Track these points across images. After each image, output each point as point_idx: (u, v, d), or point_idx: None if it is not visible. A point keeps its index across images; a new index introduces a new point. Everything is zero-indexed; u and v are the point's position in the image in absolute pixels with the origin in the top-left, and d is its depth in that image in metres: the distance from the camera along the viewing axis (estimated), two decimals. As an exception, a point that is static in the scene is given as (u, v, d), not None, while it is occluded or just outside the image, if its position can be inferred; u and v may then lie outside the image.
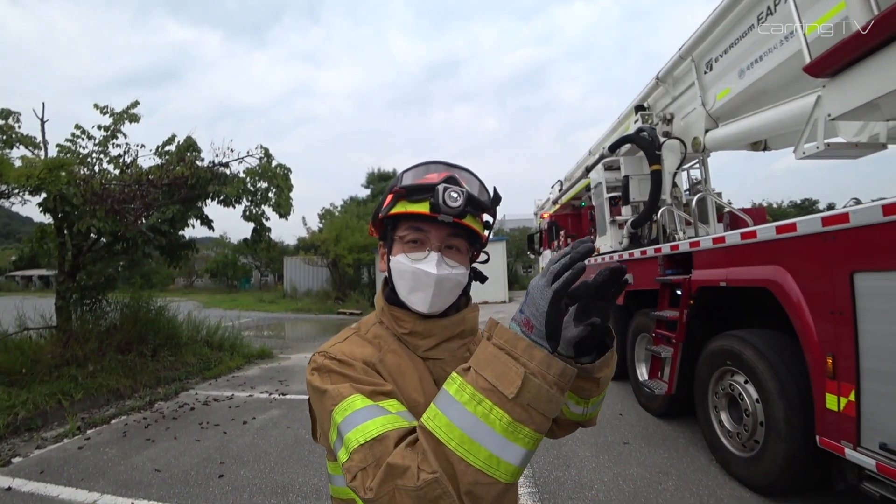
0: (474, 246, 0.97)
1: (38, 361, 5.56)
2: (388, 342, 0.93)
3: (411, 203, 0.88)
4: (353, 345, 0.90)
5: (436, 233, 0.89)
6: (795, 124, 3.34)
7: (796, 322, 2.68)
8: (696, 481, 3.21)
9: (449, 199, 0.84)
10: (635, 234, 5.37)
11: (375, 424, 0.71)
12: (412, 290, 0.89)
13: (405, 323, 0.92)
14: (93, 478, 3.61)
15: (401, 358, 0.91)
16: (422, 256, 0.88)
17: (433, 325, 0.92)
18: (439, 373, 0.91)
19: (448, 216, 0.86)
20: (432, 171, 0.91)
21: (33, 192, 5.51)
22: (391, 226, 0.94)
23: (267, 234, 7.41)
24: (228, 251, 35.16)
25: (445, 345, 0.93)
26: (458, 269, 0.91)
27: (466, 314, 0.96)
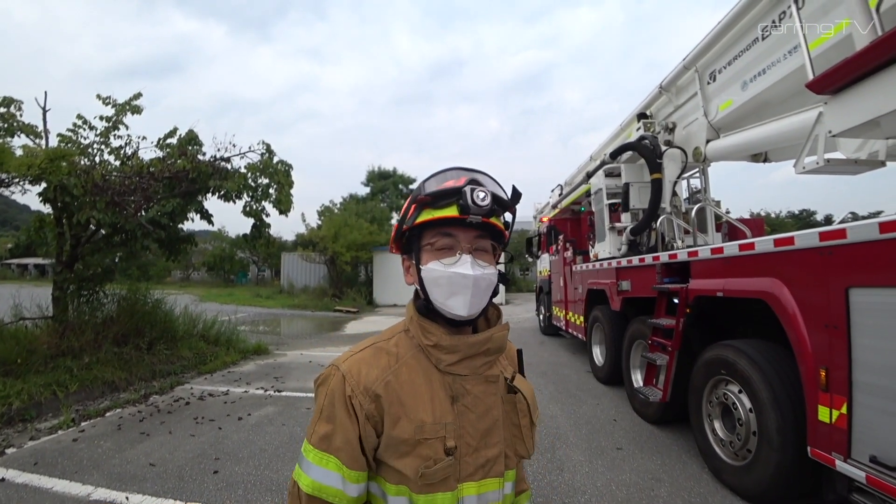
0: (499, 245, 0.98)
1: (34, 352, 5.54)
2: (408, 353, 0.94)
3: (437, 209, 0.89)
4: (368, 359, 0.93)
5: (464, 235, 0.90)
6: (796, 138, 3.38)
7: (791, 334, 2.71)
8: (689, 488, 3.24)
9: (477, 199, 0.86)
10: (634, 241, 5.41)
11: (307, 482, 0.86)
12: (450, 295, 0.89)
13: (432, 335, 0.93)
14: (87, 471, 3.60)
15: (416, 373, 0.92)
16: (454, 260, 0.89)
17: (459, 342, 0.91)
18: (458, 389, 0.92)
19: (477, 217, 0.87)
20: (452, 178, 0.92)
21: (34, 182, 5.50)
22: (416, 236, 0.94)
23: (266, 230, 7.40)
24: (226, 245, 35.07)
25: (468, 361, 0.92)
26: (489, 268, 0.92)
27: (494, 333, 0.94)
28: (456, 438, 0.89)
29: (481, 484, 0.90)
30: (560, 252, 8.41)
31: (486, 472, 0.91)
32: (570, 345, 9.10)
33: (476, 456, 0.90)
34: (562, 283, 8.38)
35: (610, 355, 5.76)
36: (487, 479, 0.91)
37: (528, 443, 1.00)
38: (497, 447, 0.93)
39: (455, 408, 0.90)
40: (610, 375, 5.80)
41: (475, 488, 0.90)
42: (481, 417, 0.92)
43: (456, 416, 0.90)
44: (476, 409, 0.92)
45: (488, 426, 0.92)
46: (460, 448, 0.89)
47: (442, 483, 0.86)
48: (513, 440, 0.98)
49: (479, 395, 0.92)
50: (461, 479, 0.89)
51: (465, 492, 0.89)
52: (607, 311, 5.84)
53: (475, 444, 0.90)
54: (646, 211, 5.13)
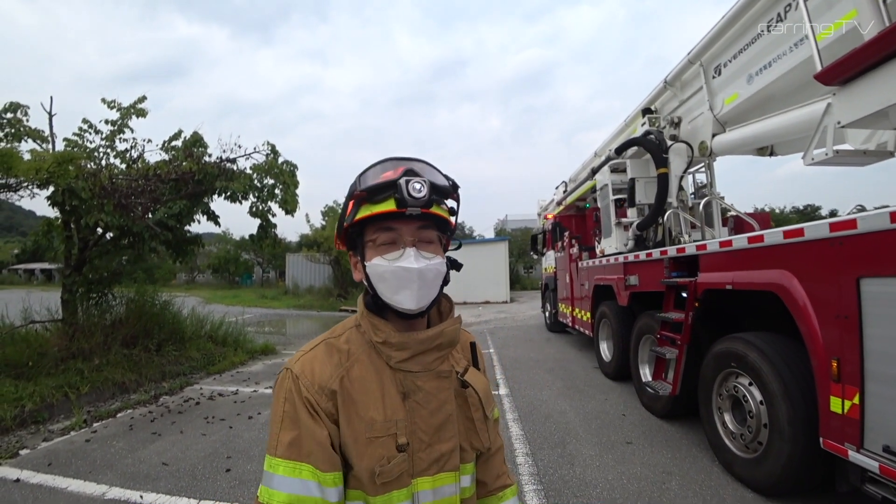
0: (444, 234, 0.96)
1: (45, 354, 5.59)
2: (359, 350, 0.93)
3: (375, 204, 0.86)
4: (320, 357, 0.91)
5: (406, 228, 0.88)
6: (803, 130, 3.38)
7: (802, 325, 2.71)
8: (700, 482, 3.24)
9: (413, 190, 0.83)
10: (641, 236, 5.40)
11: (281, 498, 0.80)
12: (397, 290, 0.87)
13: (381, 332, 0.91)
14: (100, 470, 3.64)
15: (367, 370, 0.91)
16: (398, 255, 0.87)
17: (408, 339, 0.90)
18: (409, 385, 0.90)
19: (416, 208, 0.84)
20: (388, 169, 0.89)
21: (42, 186, 5.54)
22: (358, 232, 0.92)
23: (272, 231, 7.44)
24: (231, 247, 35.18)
25: (419, 357, 0.91)
26: (435, 259, 0.90)
27: (446, 327, 0.93)
28: (408, 435, 0.88)
29: (436, 478, 0.90)
30: (565, 249, 8.41)
31: (441, 467, 0.90)
32: (577, 341, 9.10)
33: (429, 451, 0.89)
34: (568, 280, 8.37)
35: (617, 351, 5.76)
36: (442, 473, 0.90)
37: (484, 436, 0.98)
38: (451, 441, 0.92)
39: (406, 404, 0.89)
40: (618, 371, 5.80)
41: (430, 483, 0.89)
42: (434, 413, 0.91)
43: (407, 413, 0.89)
44: (428, 405, 0.91)
45: (441, 421, 0.91)
46: (413, 444, 0.88)
47: (396, 481, 0.86)
48: (468, 434, 0.97)
49: (430, 391, 0.91)
50: (415, 475, 0.88)
51: (419, 487, 0.89)
52: (614, 307, 5.83)
53: (428, 439, 0.90)
54: (652, 206, 5.13)
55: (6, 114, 5.84)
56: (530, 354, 8.12)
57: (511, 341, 9.74)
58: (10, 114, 5.92)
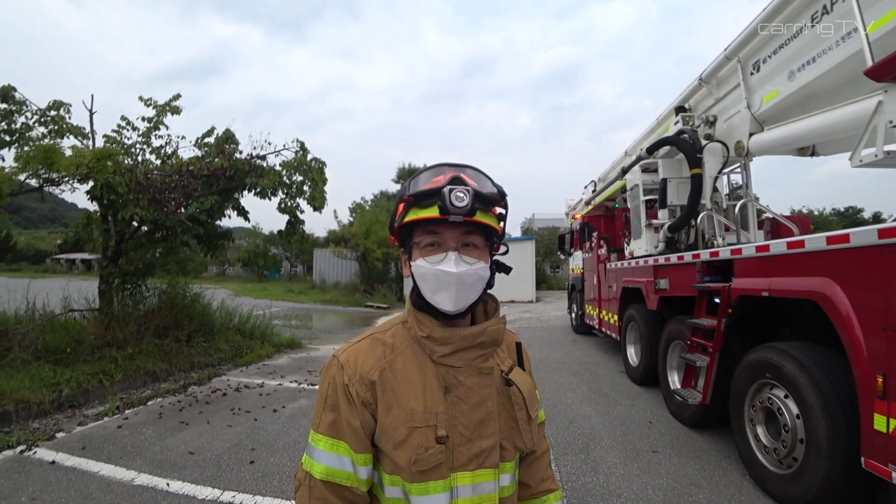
0: (491, 240, 0.99)
1: (82, 342, 5.82)
2: (403, 344, 0.98)
3: (421, 209, 0.91)
4: (365, 349, 0.97)
5: (450, 233, 0.92)
6: (849, 129, 3.20)
7: (845, 337, 2.56)
8: (729, 496, 3.11)
9: (456, 199, 0.86)
10: (672, 238, 5.24)
11: (321, 469, 0.90)
12: (436, 291, 0.92)
13: (425, 327, 0.96)
14: (130, 456, 3.76)
15: (410, 363, 0.95)
16: (440, 258, 0.92)
17: (451, 334, 0.94)
18: (451, 380, 0.94)
19: (458, 216, 0.88)
20: (438, 175, 0.93)
21: (82, 181, 5.75)
22: (408, 233, 0.97)
23: (300, 227, 7.55)
24: (260, 241, 35.99)
25: (462, 353, 0.95)
26: (477, 264, 0.93)
27: (489, 326, 0.96)
28: (448, 428, 0.90)
29: (476, 474, 0.91)
30: (594, 249, 8.25)
31: (481, 463, 0.92)
32: (603, 344, 8.92)
33: (470, 446, 0.91)
34: (595, 281, 8.22)
35: (645, 355, 5.61)
36: (482, 469, 0.92)
37: (527, 436, 0.99)
38: (491, 438, 0.94)
39: (447, 398, 0.92)
40: (645, 376, 5.65)
41: (469, 478, 0.91)
42: (474, 408, 0.93)
43: (448, 406, 0.92)
44: (469, 400, 0.93)
45: (482, 417, 0.93)
46: (453, 438, 0.90)
47: (434, 471, 0.88)
48: (510, 432, 0.98)
49: (472, 387, 0.94)
50: (454, 469, 0.90)
51: (458, 481, 0.90)
52: (643, 310, 5.68)
53: (468, 434, 0.92)
54: (684, 207, 4.96)
55: (50, 111, 6.10)
56: (555, 356, 8.01)
57: (536, 342, 9.63)
58: (54, 111, 6.18)
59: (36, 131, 6.03)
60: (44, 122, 6.08)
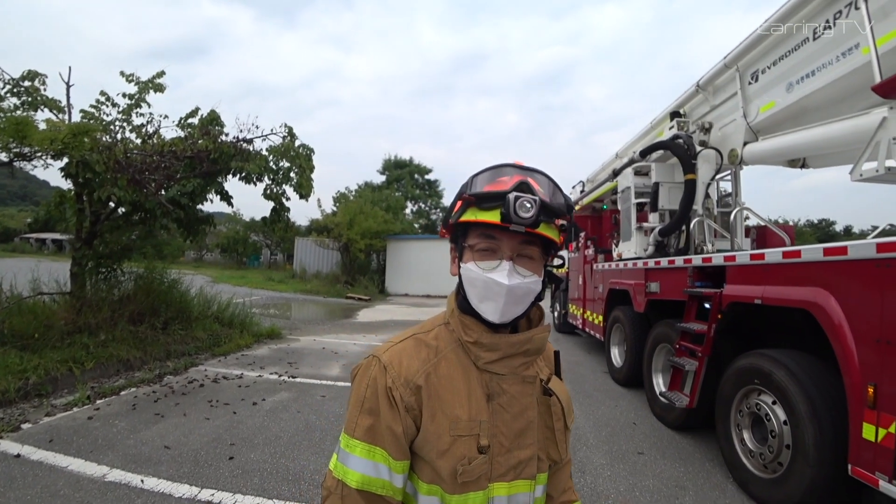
0: (548, 252, 0.94)
1: (51, 327, 5.55)
2: (447, 348, 0.93)
3: (481, 211, 0.85)
4: (409, 350, 0.92)
5: (508, 241, 0.87)
6: (847, 144, 3.24)
7: (837, 347, 2.59)
8: (713, 498, 3.15)
9: (521, 208, 0.81)
10: (662, 242, 5.27)
11: (356, 477, 0.84)
12: (483, 299, 0.88)
13: (472, 332, 0.91)
14: (102, 450, 3.57)
15: (454, 368, 0.91)
16: (493, 265, 0.86)
17: (499, 340, 0.90)
18: (495, 388, 0.90)
19: (520, 226, 0.83)
20: (503, 175, 0.87)
21: (56, 157, 5.47)
22: (461, 232, 0.92)
23: (286, 214, 7.37)
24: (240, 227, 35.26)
25: (507, 360, 0.91)
26: (531, 277, 0.88)
27: (535, 334, 0.92)
28: (490, 437, 0.87)
29: (512, 485, 0.89)
30: (580, 250, 8.29)
31: (518, 474, 0.90)
32: (586, 344, 9.00)
33: (509, 457, 0.89)
34: (580, 282, 8.26)
35: (630, 357, 5.65)
36: (519, 480, 0.90)
37: (562, 447, 0.98)
38: (530, 449, 0.91)
39: (490, 406, 0.89)
40: (629, 377, 5.70)
41: (506, 489, 0.89)
42: (516, 418, 0.91)
43: (491, 415, 0.89)
44: (511, 409, 0.90)
45: (522, 427, 0.91)
46: (493, 447, 0.88)
47: (475, 482, 0.86)
48: (546, 443, 0.96)
49: (515, 395, 0.91)
50: (493, 479, 0.88)
51: (495, 492, 0.88)
52: (630, 312, 5.72)
53: (508, 444, 0.89)
54: (677, 212, 4.99)
55: (24, 82, 5.79)
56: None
57: (517, 340, 9.62)
58: (28, 82, 5.86)
59: (7, 102, 5.70)
60: (16, 92, 5.75)
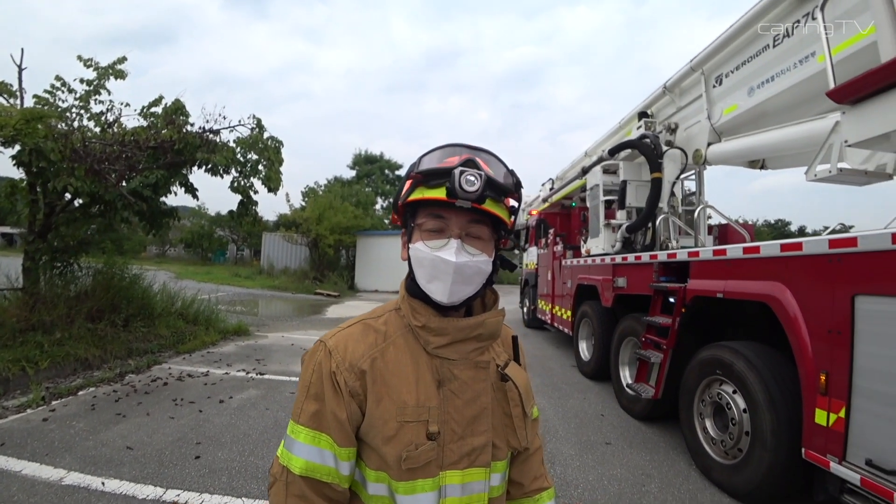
0: (499, 233, 0.93)
1: (2, 325, 5.26)
2: (396, 332, 0.92)
3: (429, 189, 0.85)
4: (355, 335, 0.90)
5: (456, 219, 0.86)
6: (803, 146, 3.42)
7: (792, 338, 2.74)
8: (678, 485, 3.28)
9: (466, 182, 0.80)
10: (629, 238, 5.42)
11: (300, 464, 0.84)
12: (431, 279, 0.87)
13: (420, 316, 0.90)
14: (58, 453, 3.42)
15: (403, 353, 0.89)
16: (441, 244, 0.85)
17: (448, 324, 0.88)
18: (445, 373, 0.89)
19: (466, 202, 0.82)
20: (451, 155, 0.87)
21: (6, 144, 5.15)
22: (411, 213, 0.91)
23: (253, 208, 7.19)
24: (206, 222, 34.13)
25: (458, 346, 0.89)
26: (480, 256, 0.87)
27: (487, 318, 0.91)
28: (440, 424, 0.86)
29: (465, 473, 0.87)
30: (549, 246, 8.42)
31: (472, 462, 0.87)
32: (555, 338, 9.17)
33: (461, 444, 0.87)
34: (549, 277, 8.40)
35: (597, 351, 5.80)
36: (472, 468, 0.88)
37: (521, 434, 0.95)
38: (484, 436, 0.89)
39: (440, 392, 0.87)
40: (596, 370, 5.84)
41: (459, 477, 0.87)
42: (468, 404, 0.88)
43: (441, 401, 0.87)
44: (463, 395, 0.88)
45: (475, 413, 0.89)
46: (444, 434, 0.86)
47: (423, 469, 0.84)
48: (504, 430, 0.93)
49: (466, 381, 0.89)
50: (444, 467, 0.86)
51: (447, 480, 0.86)
52: (597, 307, 5.86)
53: (460, 431, 0.87)
54: (644, 209, 5.14)
55: (-30, 63, 5.42)
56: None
57: (488, 335, 9.72)
58: (-26, 64, 5.50)
59: (-49, 85, 5.35)
60: (-39, 75, 5.39)
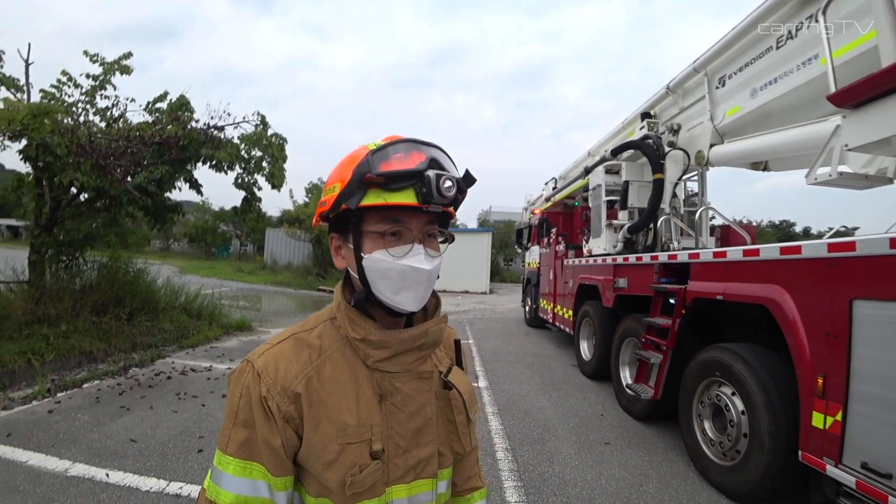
0: (444, 227, 0.87)
1: (8, 317, 5.33)
2: (332, 346, 0.84)
3: (390, 192, 0.75)
4: (286, 353, 0.82)
5: (416, 223, 0.79)
6: (804, 149, 3.42)
7: (791, 340, 2.75)
8: (675, 486, 3.30)
9: (444, 188, 0.74)
10: (630, 239, 5.43)
11: (229, 498, 0.76)
12: (400, 290, 0.79)
13: (359, 328, 0.83)
14: (64, 444, 3.48)
15: (340, 369, 0.83)
16: (405, 250, 0.78)
17: (389, 337, 0.82)
18: (387, 387, 0.83)
19: (438, 206, 0.77)
20: (401, 152, 0.77)
21: (13, 138, 5.21)
22: (356, 219, 0.80)
23: (257, 204, 7.23)
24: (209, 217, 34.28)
25: (399, 357, 0.84)
26: (439, 258, 0.83)
27: (430, 327, 0.85)
28: (384, 440, 0.81)
29: (412, 486, 0.84)
30: (552, 245, 8.44)
31: (418, 474, 0.85)
32: (556, 338, 9.19)
33: (406, 457, 0.83)
34: (551, 277, 8.42)
35: (598, 351, 5.82)
36: (419, 480, 0.85)
37: (465, 439, 0.93)
38: (430, 447, 0.86)
39: (383, 407, 0.83)
40: (597, 370, 5.86)
41: (405, 491, 0.83)
42: (412, 417, 0.85)
43: (384, 417, 0.82)
44: (406, 409, 0.84)
45: (420, 425, 0.85)
46: (388, 450, 0.82)
47: (369, 490, 0.79)
48: (448, 437, 0.91)
49: (410, 393, 0.85)
50: (390, 483, 0.82)
51: (394, 495, 0.82)
52: (598, 307, 5.88)
53: (405, 444, 0.84)
54: (645, 210, 5.15)
55: (-22, 58, 5.48)
56: (510, 348, 8.16)
57: (490, 333, 9.78)
58: (-17, 59, 5.55)
59: (-41, 79, 5.40)
60: (-31, 69, 5.45)
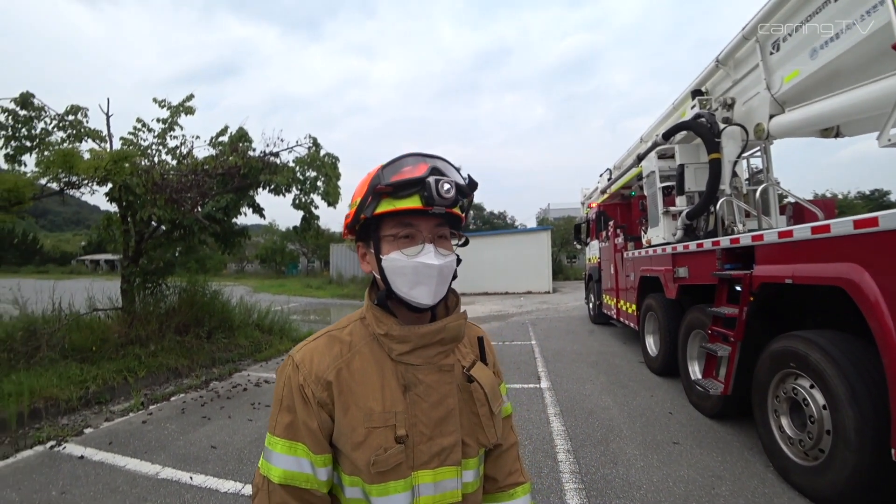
0: (455, 230, 0.98)
1: (107, 340, 5.98)
2: (361, 342, 0.96)
3: (399, 199, 0.87)
4: (320, 348, 0.95)
5: (425, 225, 0.90)
6: (876, 108, 3.08)
7: (874, 324, 2.46)
8: (752, 488, 3.05)
9: (443, 190, 0.85)
10: (690, 225, 5.12)
11: (278, 473, 0.88)
12: (414, 285, 0.90)
13: (383, 325, 0.94)
14: (155, 451, 3.86)
15: (368, 362, 0.93)
16: (417, 250, 0.89)
17: (409, 332, 0.92)
18: (410, 378, 0.92)
19: (441, 208, 0.87)
20: (409, 164, 0.90)
21: (100, 183, 5.87)
22: (374, 226, 0.93)
23: (315, 222, 7.60)
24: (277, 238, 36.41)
25: (421, 351, 0.93)
26: (451, 256, 0.93)
27: (449, 322, 0.94)
28: (408, 427, 0.90)
29: (437, 472, 0.91)
30: (610, 238, 8.14)
31: (442, 461, 0.91)
32: (622, 334, 8.82)
33: (430, 444, 0.91)
34: (612, 271, 8.11)
35: (664, 345, 5.52)
36: (443, 467, 0.91)
37: (490, 432, 0.98)
38: (453, 436, 0.93)
39: (407, 397, 0.91)
40: (664, 366, 5.56)
41: (431, 476, 0.90)
42: (435, 406, 0.92)
43: (408, 405, 0.91)
44: (429, 398, 0.92)
45: (443, 415, 0.92)
46: (413, 437, 0.90)
47: (394, 471, 0.88)
48: (472, 429, 0.97)
49: (431, 384, 0.93)
50: (415, 468, 0.90)
51: (419, 480, 0.90)
52: (661, 300, 5.59)
53: (429, 432, 0.91)
54: (703, 194, 4.84)
55: (68, 116, 6.21)
56: (573, 347, 7.94)
57: (553, 333, 9.57)
58: (72, 116, 6.28)
59: (55, 136, 6.14)
60: (62, 126, 6.19)
